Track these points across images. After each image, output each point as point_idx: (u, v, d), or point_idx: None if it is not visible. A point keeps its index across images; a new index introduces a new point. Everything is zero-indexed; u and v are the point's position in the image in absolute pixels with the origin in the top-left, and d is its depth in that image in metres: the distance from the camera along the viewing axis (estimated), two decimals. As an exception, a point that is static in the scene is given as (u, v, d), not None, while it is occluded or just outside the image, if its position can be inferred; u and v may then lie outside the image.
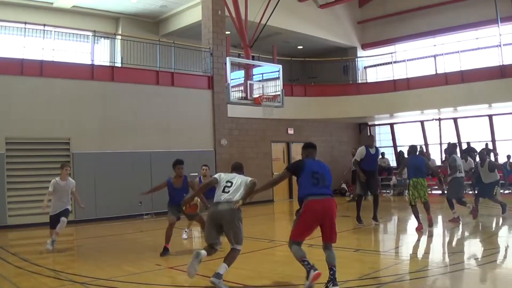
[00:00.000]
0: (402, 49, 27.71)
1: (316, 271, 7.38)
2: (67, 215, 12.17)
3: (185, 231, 13.54)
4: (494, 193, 15.68)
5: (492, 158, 24.39)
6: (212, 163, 21.10)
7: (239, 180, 8.45)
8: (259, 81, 17.40)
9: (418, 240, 12.57)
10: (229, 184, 8.40)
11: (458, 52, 24.06)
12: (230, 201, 8.14)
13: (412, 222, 14.98)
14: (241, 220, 8.24)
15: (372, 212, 15.25)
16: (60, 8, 22.21)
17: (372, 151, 15.18)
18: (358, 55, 29.39)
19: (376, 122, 30.18)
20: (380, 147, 29.68)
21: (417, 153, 14.49)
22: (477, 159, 22.69)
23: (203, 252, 7.85)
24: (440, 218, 16.03)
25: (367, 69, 29.11)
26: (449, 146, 16.47)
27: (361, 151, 15.18)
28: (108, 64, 20.08)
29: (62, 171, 12.22)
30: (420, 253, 11.34)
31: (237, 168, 8.91)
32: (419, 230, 13.32)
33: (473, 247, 11.48)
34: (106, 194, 18.11)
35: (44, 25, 17.99)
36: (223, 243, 8.48)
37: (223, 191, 8.33)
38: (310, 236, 7.88)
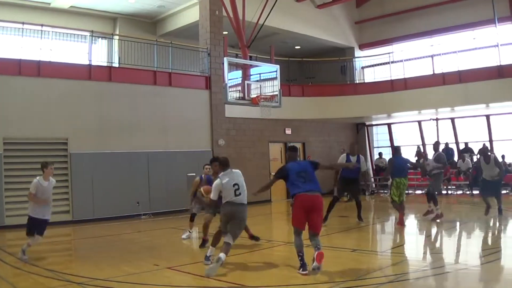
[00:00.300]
0: (400, 49, 27.68)
1: (304, 272, 8.58)
2: (43, 230, 10.99)
3: (190, 231, 13.50)
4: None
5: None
6: (209, 163, 21.13)
7: (240, 180, 9.86)
8: (257, 81, 17.36)
9: (415, 240, 12.60)
10: (237, 187, 9.66)
11: (455, 52, 24.04)
12: (244, 202, 9.75)
13: (409, 222, 15.08)
14: None
15: (357, 213, 15.80)
16: (58, 8, 22.16)
17: (353, 159, 15.73)
18: (356, 55, 29.40)
19: (374, 122, 30.17)
20: (378, 147, 29.93)
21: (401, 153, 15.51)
22: (475, 158, 22.82)
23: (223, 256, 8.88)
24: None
25: (364, 69, 29.10)
26: (434, 144, 16.74)
27: (342, 158, 16.19)
28: (105, 64, 20.04)
29: (45, 171, 11.16)
30: (418, 253, 11.37)
31: (228, 164, 10.06)
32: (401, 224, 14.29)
33: (471, 247, 11.48)
34: (103, 194, 18.07)
35: (42, 25, 17.98)
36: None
37: (235, 194, 9.61)
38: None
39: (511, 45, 23.10)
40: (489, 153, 16.14)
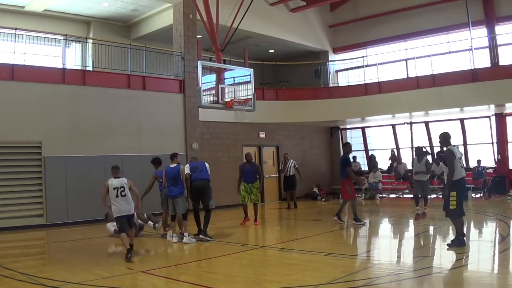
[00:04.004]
0: (374, 53, 27.77)
1: None
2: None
3: (180, 235, 13.40)
4: None
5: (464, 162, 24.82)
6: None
7: None
8: (231, 85, 17.36)
9: (389, 244, 12.68)
10: None
11: (429, 56, 24.16)
12: None
13: (384, 226, 15.20)
14: None
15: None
16: (32, 12, 21.95)
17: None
18: (330, 59, 29.47)
19: (348, 126, 30.31)
20: (352, 150, 30.02)
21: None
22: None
23: None
24: (411, 221, 16.21)
25: (338, 73, 29.13)
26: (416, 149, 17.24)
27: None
28: (79, 68, 19.98)
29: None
30: (392, 257, 11.46)
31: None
32: (244, 223, 16.94)
33: (444, 251, 11.56)
34: (77, 198, 17.92)
35: (16, 28, 17.80)
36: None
37: None
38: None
39: (485, 49, 23.36)
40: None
